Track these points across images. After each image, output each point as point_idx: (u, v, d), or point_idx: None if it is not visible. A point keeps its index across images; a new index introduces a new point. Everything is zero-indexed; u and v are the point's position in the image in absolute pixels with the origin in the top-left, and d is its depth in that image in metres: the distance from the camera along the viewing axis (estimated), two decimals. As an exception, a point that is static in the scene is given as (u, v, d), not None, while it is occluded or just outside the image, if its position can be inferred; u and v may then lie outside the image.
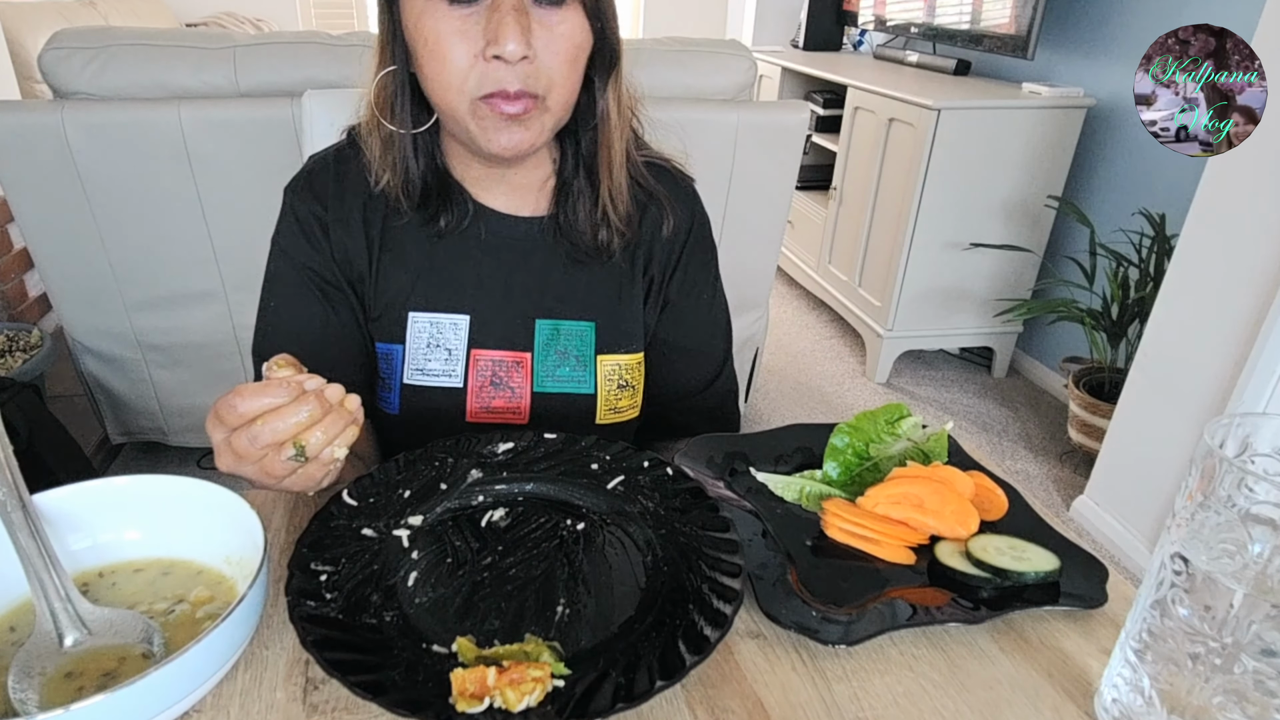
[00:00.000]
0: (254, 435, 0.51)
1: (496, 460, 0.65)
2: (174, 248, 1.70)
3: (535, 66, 0.64)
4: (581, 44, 0.66)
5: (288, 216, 0.77)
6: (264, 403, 0.52)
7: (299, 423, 0.52)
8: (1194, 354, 1.61)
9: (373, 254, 0.77)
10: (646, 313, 0.84)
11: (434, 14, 0.63)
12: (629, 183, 0.78)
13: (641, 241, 0.81)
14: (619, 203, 0.76)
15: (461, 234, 0.77)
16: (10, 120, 1.52)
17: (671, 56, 1.72)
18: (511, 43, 0.60)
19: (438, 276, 0.77)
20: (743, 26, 4.01)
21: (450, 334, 0.77)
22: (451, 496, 0.62)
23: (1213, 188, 1.55)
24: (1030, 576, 0.54)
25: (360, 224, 0.76)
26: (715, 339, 0.89)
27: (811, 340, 2.91)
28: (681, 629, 0.48)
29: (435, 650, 0.48)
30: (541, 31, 0.63)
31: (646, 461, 0.64)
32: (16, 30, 2.58)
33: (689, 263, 0.84)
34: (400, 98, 0.70)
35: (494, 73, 0.63)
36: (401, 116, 0.71)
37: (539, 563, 0.56)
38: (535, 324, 0.79)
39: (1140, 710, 0.44)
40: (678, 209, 0.82)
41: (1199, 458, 0.40)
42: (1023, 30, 2.31)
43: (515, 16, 0.61)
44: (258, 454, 0.52)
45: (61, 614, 0.48)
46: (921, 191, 2.30)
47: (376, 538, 0.57)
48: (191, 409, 1.93)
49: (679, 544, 0.56)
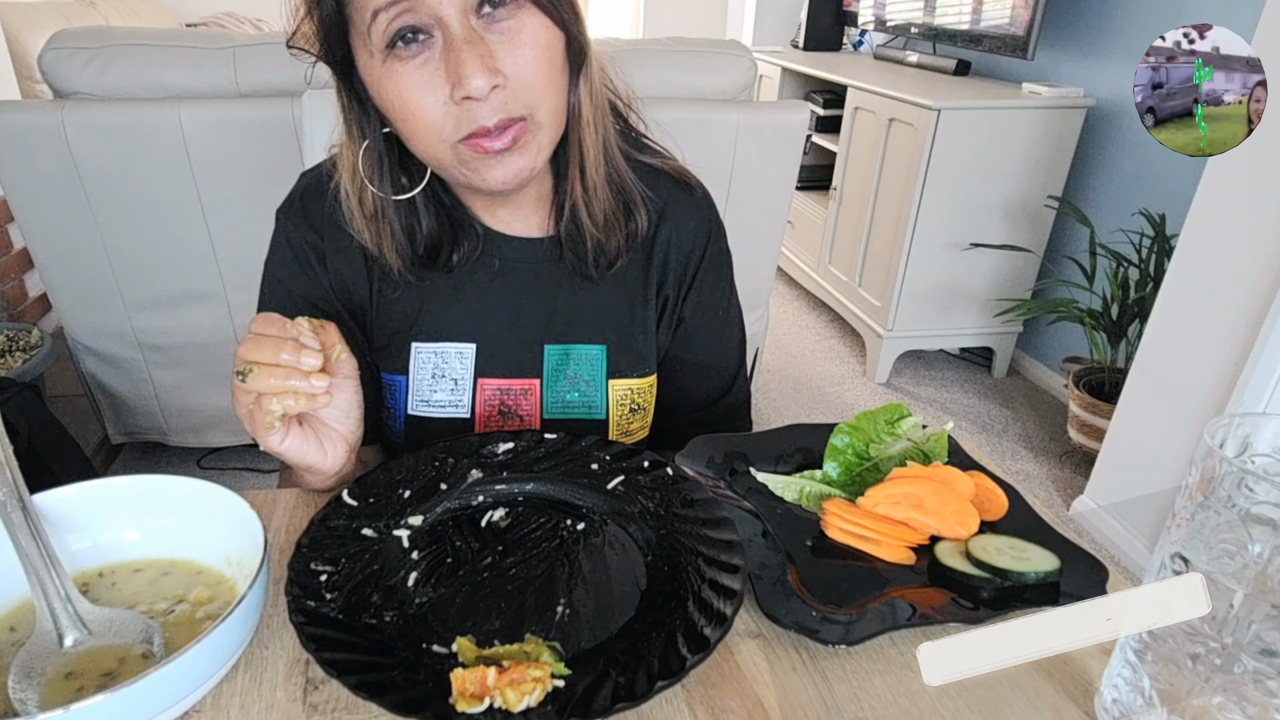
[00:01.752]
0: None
1: (497, 460, 0.65)
2: (174, 248, 1.70)
3: (511, 90, 0.59)
4: (550, 43, 0.61)
5: (281, 244, 0.74)
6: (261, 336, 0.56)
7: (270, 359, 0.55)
8: (1194, 354, 1.61)
9: (373, 283, 0.74)
10: (660, 333, 0.80)
11: (392, 74, 0.59)
12: (616, 187, 0.73)
13: (655, 260, 0.78)
14: (594, 206, 0.72)
15: (470, 264, 0.74)
16: (10, 120, 1.52)
17: (671, 56, 1.72)
18: (476, 78, 0.56)
19: (442, 305, 0.74)
20: (743, 26, 4.01)
21: (456, 363, 0.75)
22: (452, 496, 0.62)
23: (1213, 188, 1.55)
24: (1030, 576, 0.54)
25: (359, 252, 0.72)
26: (729, 353, 0.85)
27: (811, 340, 2.91)
28: (681, 629, 0.48)
29: (435, 650, 0.48)
30: (504, 50, 0.59)
31: (647, 461, 0.64)
32: (16, 30, 2.58)
33: (704, 279, 0.80)
34: (380, 168, 0.67)
35: (469, 112, 0.59)
36: (383, 186, 0.67)
37: (539, 563, 0.56)
38: (544, 349, 0.76)
39: (1140, 710, 0.44)
40: (690, 219, 0.78)
41: (1199, 458, 0.40)
42: (1023, 30, 2.30)
43: (470, 49, 0.57)
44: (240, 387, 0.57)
45: (61, 614, 0.48)
46: (921, 191, 2.30)
47: (376, 538, 0.57)
48: (191, 409, 1.93)
49: (679, 544, 0.56)
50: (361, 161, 0.67)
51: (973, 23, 2.55)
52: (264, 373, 0.55)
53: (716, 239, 0.81)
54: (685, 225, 0.78)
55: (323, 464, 0.62)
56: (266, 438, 0.58)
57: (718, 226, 0.81)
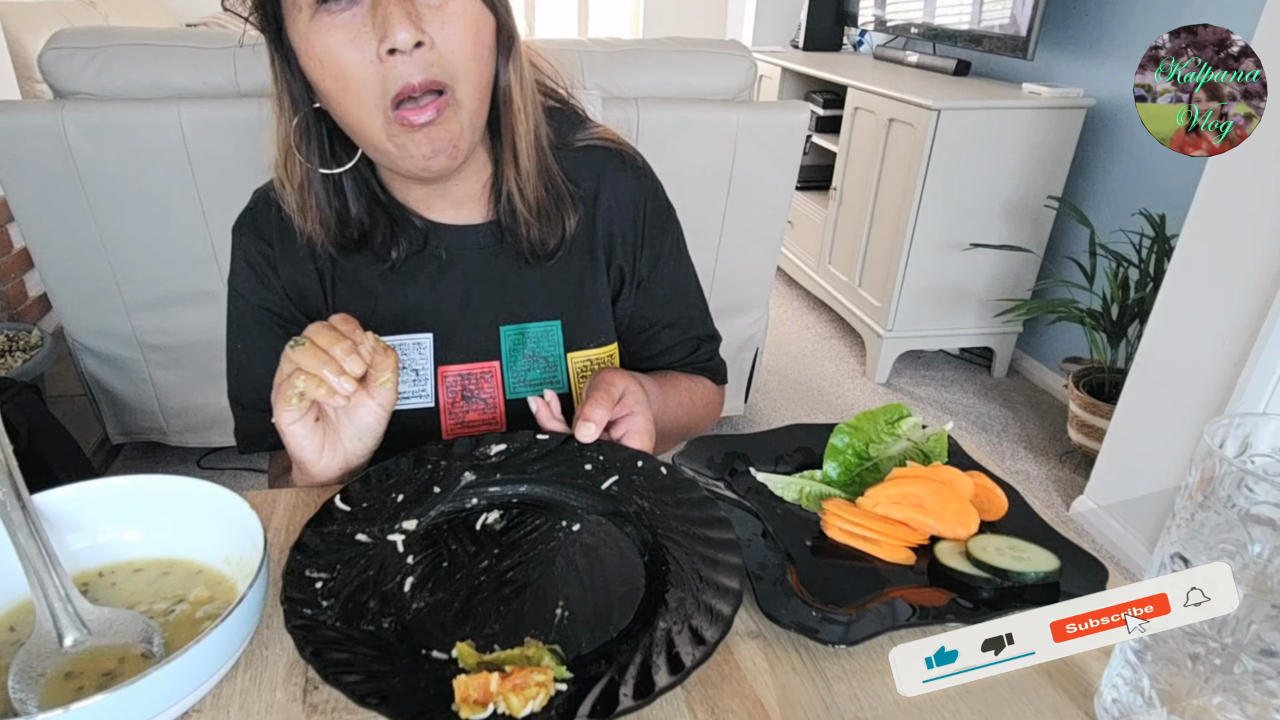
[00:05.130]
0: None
1: (490, 462, 0.65)
2: (174, 248, 1.70)
3: (436, 53, 0.61)
4: (477, 18, 0.63)
5: (238, 257, 0.77)
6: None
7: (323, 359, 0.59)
8: (1194, 354, 1.61)
9: (325, 286, 0.76)
10: (624, 300, 0.83)
11: (319, 29, 0.60)
12: (547, 180, 0.75)
13: (599, 232, 0.80)
14: (528, 192, 0.73)
15: (416, 256, 0.76)
16: (10, 120, 1.52)
17: (671, 57, 1.72)
18: (401, 31, 0.58)
19: (395, 299, 0.76)
20: (743, 27, 4.01)
21: (415, 354, 0.77)
22: (445, 499, 0.62)
23: (1213, 188, 1.55)
24: (1030, 577, 0.54)
25: (309, 258, 0.75)
26: (691, 304, 0.88)
27: (811, 340, 2.91)
28: (682, 630, 0.48)
29: (435, 656, 0.48)
30: (431, 15, 0.60)
31: (640, 460, 0.64)
32: (16, 30, 2.58)
33: (651, 236, 0.82)
34: (308, 142, 0.68)
35: (394, 69, 0.60)
36: (313, 159, 0.69)
37: (536, 565, 0.56)
38: (500, 331, 0.78)
39: (1140, 710, 0.44)
40: (627, 188, 0.80)
41: (1199, 458, 0.40)
42: (1023, 30, 2.31)
43: (398, 5, 0.58)
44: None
45: (61, 614, 0.48)
46: (921, 191, 2.30)
47: (371, 543, 0.56)
48: (191, 409, 1.93)
49: (677, 544, 0.56)
50: (293, 132, 0.69)
51: (973, 23, 2.55)
52: (311, 352, 0.59)
53: (655, 197, 0.83)
54: (623, 194, 0.80)
55: (314, 465, 0.64)
56: (283, 410, 0.61)
57: (654, 185, 0.83)
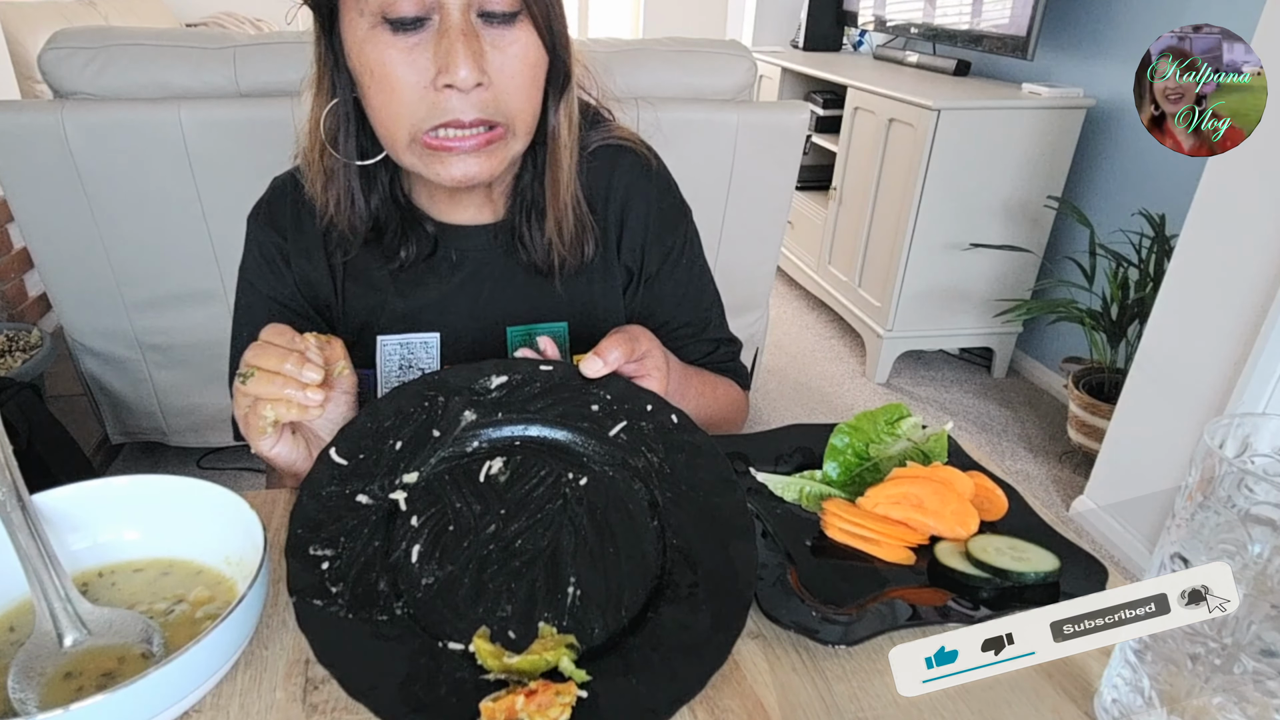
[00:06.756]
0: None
1: (490, 399, 0.61)
2: (174, 248, 1.70)
3: (492, 93, 0.60)
4: (537, 63, 0.62)
5: (251, 247, 0.77)
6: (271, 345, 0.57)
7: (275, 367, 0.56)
8: (1194, 354, 1.61)
9: (336, 281, 0.76)
10: (629, 298, 0.82)
11: (377, 42, 0.59)
12: (579, 199, 0.75)
13: (609, 229, 0.79)
14: (564, 227, 0.73)
15: (428, 259, 0.75)
16: (10, 120, 1.52)
17: (671, 56, 1.72)
18: (464, 69, 0.56)
19: (405, 298, 0.76)
20: (743, 27, 4.00)
21: (422, 354, 0.76)
22: (445, 444, 0.59)
23: (1213, 188, 1.55)
24: (1030, 577, 0.54)
25: (321, 252, 0.75)
26: (707, 307, 0.86)
27: (811, 340, 2.91)
28: (692, 626, 0.49)
29: (452, 648, 0.48)
30: (494, 54, 0.59)
31: (650, 405, 0.62)
32: (16, 30, 2.58)
33: (660, 231, 0.81)
34: (345, 130, 0.67)
35: (446, 102, 0.59)
36: (347, 148, 0.68)
37: (544, 531, 0.55)
38: (507, 332, 0.77)
39: (1140, 710, 0.44)
40: (647, 195, 0.79)
41: (1199, 458, 0.40)
42: (1022, 31, 2.30)
43: (465, 41, 0.57)
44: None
45: (61, 614, 0.48)
46: (921, 191, 2.30)
47: (373, 505, 0.55)
48: (191, 409, 1.93)
49: (687, 511, 0.56)
50: (325, 118, 0.67)
51: (972, 23, 2.55)
52: (264, 379, 0.56)
53: (666, 193, 0.82)
54: (634, 190, 0.79)
55: (306, 468, 0.63)
56: (258, 441, 0.59)
57: (666, 183, 0.82)
